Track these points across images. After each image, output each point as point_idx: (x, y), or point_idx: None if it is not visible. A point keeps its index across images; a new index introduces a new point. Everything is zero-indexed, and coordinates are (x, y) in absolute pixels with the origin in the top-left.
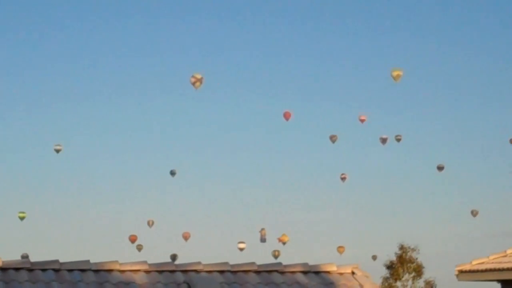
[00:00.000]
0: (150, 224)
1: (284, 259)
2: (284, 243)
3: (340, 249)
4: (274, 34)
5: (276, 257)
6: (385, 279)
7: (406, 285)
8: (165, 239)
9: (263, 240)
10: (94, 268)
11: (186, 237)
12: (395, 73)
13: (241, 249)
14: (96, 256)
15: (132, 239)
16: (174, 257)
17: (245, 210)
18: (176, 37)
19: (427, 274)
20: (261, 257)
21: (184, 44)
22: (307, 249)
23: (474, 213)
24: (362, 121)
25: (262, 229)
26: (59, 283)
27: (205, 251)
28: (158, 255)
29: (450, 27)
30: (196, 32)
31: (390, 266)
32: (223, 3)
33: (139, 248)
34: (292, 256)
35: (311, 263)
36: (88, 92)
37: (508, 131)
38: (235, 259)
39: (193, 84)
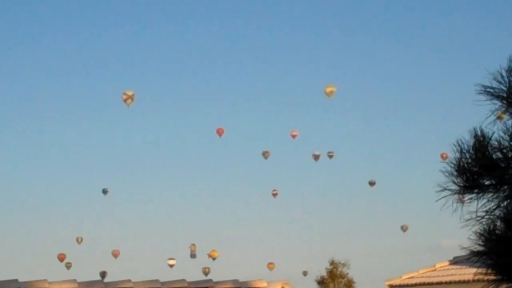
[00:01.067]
0: (79, 241)
1: (215, 276)
2: (214, 259)
3: (270, 265)
4: (205, 50)
5: (206, 274)
6: None
7: None
8: (94, 256)
9: (193, 256)
10: (22, 287)
11: (115, 255)
12: (328, 90)
13: (171, 266)
14: (24, 275)
15: (61, 258)
16: (103, 274)
17: (176, 226)
18: (107, 53)
19: None
20: (192, 274)
21: (114, 61)
22: (237, 265)
23: (404, 228)
24: (293, 136)
25: (192, 244)
26: None
27: (134, 268)
28: (88, 273)
29: (382, 43)
30: (126, 47)
31: (321, 282)
32: (153, 18)
33: (68, 266)
34: (222, 273)
35: (241, 279)
36: (21, 108)
37: (439, 146)
38: (165, 276)
39: (125, 101)
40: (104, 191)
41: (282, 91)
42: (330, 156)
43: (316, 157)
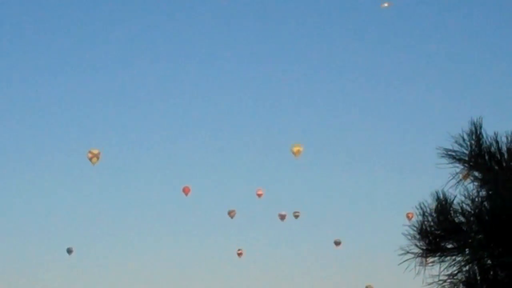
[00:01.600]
0: None
1: None
2: None
3: None
4: (171, 108)
5: None
6: None
7: None
8: None
9: None
10: None
11: None
12: (295, 149)
13: None
14: None
15: None
16: None
17: (140, 286)
18: (70, 112)
19: None
20: None
21: (79, 119)
22: None
23: None
24: (259, 195)
25: None
26: None
27: None
28: None
29: (345, 106)
30: (88, 108)
31: None
32: (115, 72)
33: None
34: None
35: None
36: None
37: (405, 207)
38: None
39: (90, 159)
40: (69, 251)
41: (248, 149)
42: (296, 216)
43: (282, 217)
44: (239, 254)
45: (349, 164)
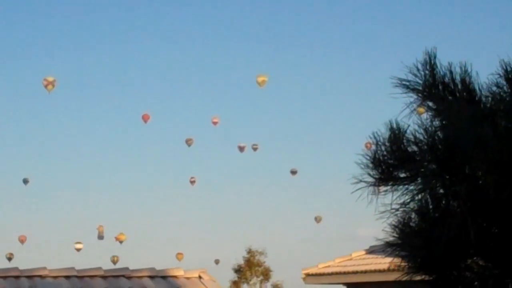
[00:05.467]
0: None
1: (128, 264)
2: (121, 242)
3: (179, 255)
4: (132, 34)
5: (115, 262)
6: (234, 282)
7: None
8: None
9: (100, 237)
10: None
11: (22, 240)
12: (260, 79)
13: (78, 250)
14: None
15: None
16: (10, 257)
17: (86, 209)
18: (27, 36)
19: (275, 278)
20: (100, 259)
21: (35, 45)
22: (150, 253)
23: (317, 219)
24: (214, 123)
25: (100, 225)
26: None
27: (42, 253)
28: None
29: (306, 35)
30: (48, 31)
31: (238, 270)
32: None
33: None
34: (132, 262)
35: (158, 267)
36: None
37: (364, 136)
38: (77, 262)
39: (46, 87)
40: (25, 181)
41: (213, 77)
42: (255, 149)
43: (242, 149)
44: (192, 182)
45: (307, 95)
